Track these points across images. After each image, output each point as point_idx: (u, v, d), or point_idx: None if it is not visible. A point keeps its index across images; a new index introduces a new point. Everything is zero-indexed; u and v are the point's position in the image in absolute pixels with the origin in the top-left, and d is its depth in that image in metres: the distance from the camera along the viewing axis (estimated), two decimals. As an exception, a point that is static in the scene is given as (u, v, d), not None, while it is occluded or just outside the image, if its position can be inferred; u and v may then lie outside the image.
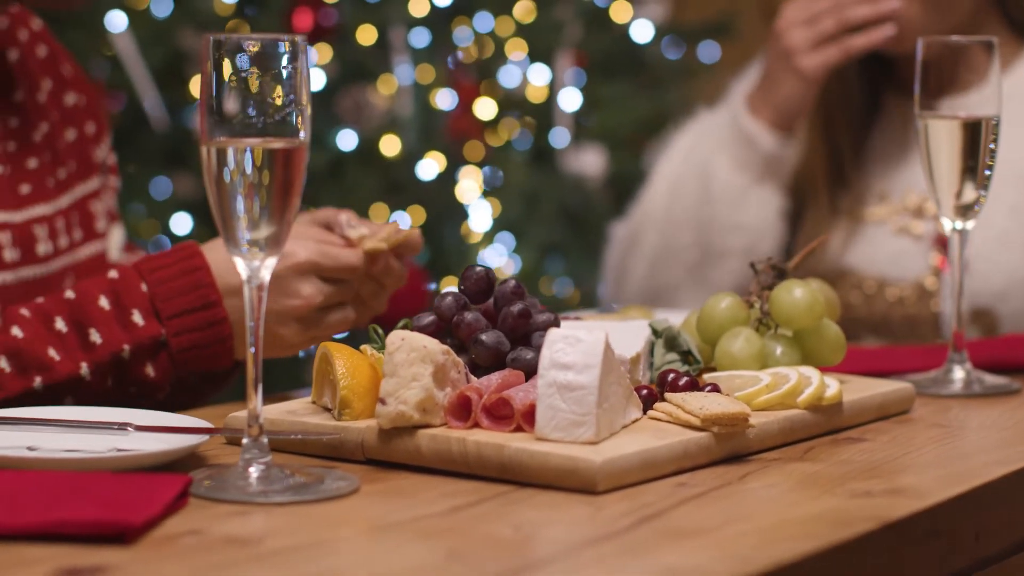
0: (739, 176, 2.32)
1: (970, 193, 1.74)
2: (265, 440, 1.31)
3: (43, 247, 1.81)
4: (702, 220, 2.35)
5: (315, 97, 3.10)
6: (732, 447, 1.42)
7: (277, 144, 1.28)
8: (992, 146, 1.73)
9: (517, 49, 3.24)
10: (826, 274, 2.30)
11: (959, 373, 1.76)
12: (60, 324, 1.61)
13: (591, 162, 3.27)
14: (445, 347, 1.40)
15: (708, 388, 1.49)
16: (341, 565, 1.10)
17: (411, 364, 1.38)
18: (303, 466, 1.35)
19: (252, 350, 1.30)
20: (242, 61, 1.27)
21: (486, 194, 3.20)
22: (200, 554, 1.12)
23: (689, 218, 2.37)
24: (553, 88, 3.29)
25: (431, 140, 3.13)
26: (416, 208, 3.12)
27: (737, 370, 1.56)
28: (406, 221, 1.73)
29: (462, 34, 3.23)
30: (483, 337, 1.48)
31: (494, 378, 1.42)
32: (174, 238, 3.14)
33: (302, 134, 1.29)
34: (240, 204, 1.28)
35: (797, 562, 1.11)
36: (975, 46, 1.75)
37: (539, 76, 3.29)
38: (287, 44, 1.28)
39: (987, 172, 1.74)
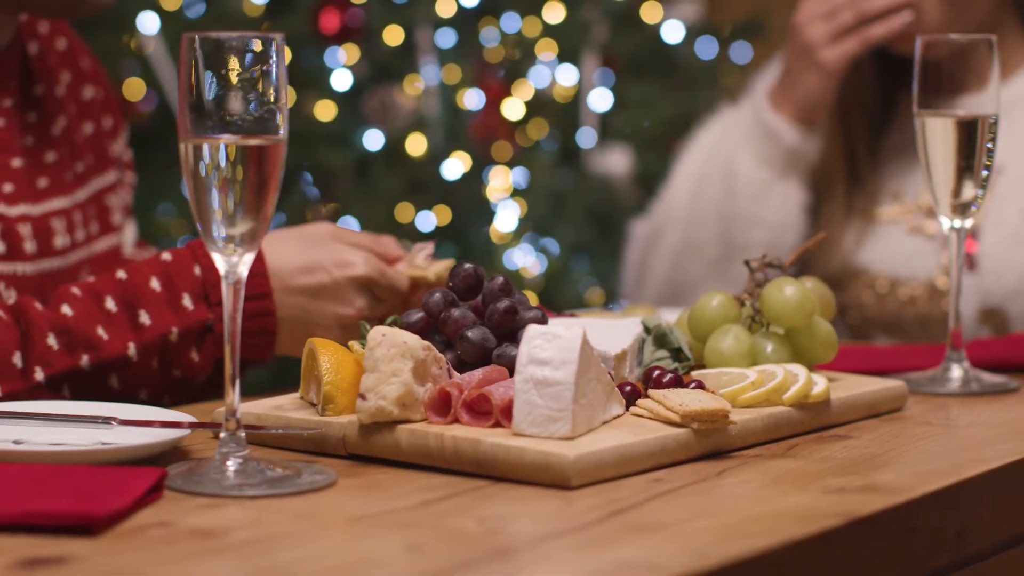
0: (762, 171, 2.32)
1: (967, 192, 1.74)
2: (243, 434, 1.32)
3: (60, 240, 1.83)
4: (725, 215, 2.36)
5: (342, 97, 3.12)
6: (714, 443, 1.42)
7: (254, 141, 1.29)
8: (990, 145, 1.73)
9: (545, 49, 3.24)
10: (838, 273, 2.30)
11: (956, 372, 1.76)
12: (110, 304, 1.63)
13: (617, 162, 3.27)
14: (426, 343, 1.41)
15: (693, 385, 1.49)
16: (297, 557, 1.11)
17: (391, 360, 1.39)
18: (284, 460, 1.37)
19: (229, 347, 1.31)
20: (220, 59, 1.29)
21: (513, 194, 3.21)
22: (163, 546, 1.13)
23: (712, 213, 2.37)
24: (581, 88, 3.30)
25: (457, 140, 3.14)
26: (441, 208, 3.13)
27: (726, 367, 1.56)
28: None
29: (489, 34, 3.23)
30: (469, 333, 1.49)
31: (476, 374, 1.43)
32: (202, 237, 3.15)
33: (279, 131, 1.30)
34: (216, 201, 1.29)
35: (752, 558, 1.12)
36: (979, 45, 1.75)
37: (566, 76, 3.30)
38: (264, 43, 1.30)
39: (984, 171, 1.73)
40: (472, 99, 3.17)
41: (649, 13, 3.46)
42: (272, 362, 1.78)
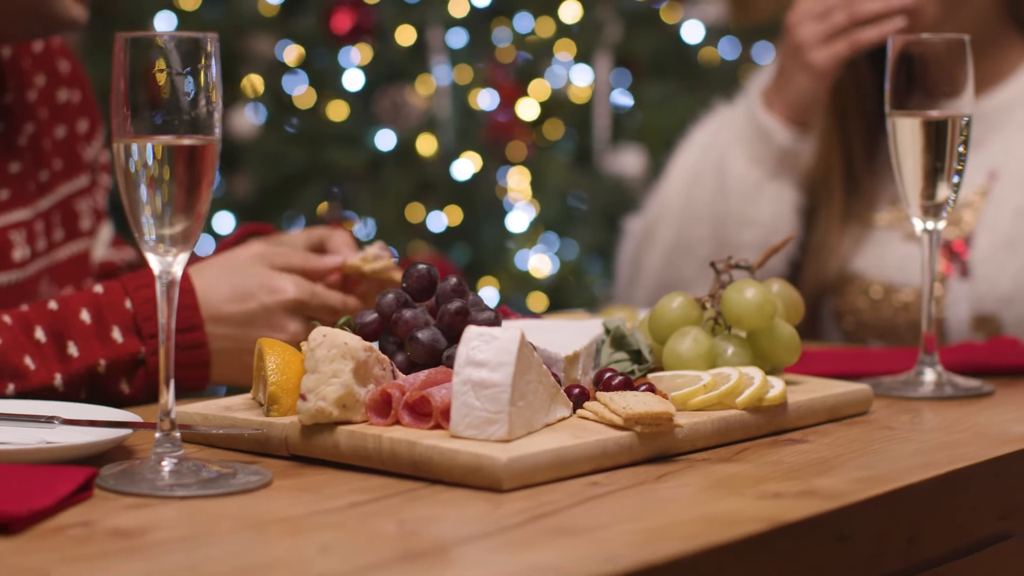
0: (754, 170, 2.30)
1: (939, 194, 1.72)
2: (178, 434, 1.32)
3: (19, 252, 1.84)
4: (717, 214, 2.34)
5: (354, 97, 3.12)
6: (659, 447, 1.41)
7: (187, 141, 1.29)
8: (961, 148, 1.71)
9: (558, 50, 3.24)
10: (835, 278, 2.28)
11: (929, 375, 1.74)
12: (40, 334, 1.63)
13: (631, 163, 3.26)
14: (368, 344, 1.40)
15: (643, 388, 1.48)
16: (205, 557, 1.11)
17: (331, 360, 1.38)
18: (224, 461, 1.36)
19: (163, 347, 1.31)
20: (153, 59, 1.29)
21: (526, 194, 3.20)
22: (77, 545, 1.13)
23: (705, 212, 2.35)
24: (596, 88, 3.29)
25: (468, 140, 3.13)
26: (453, 208, 3.13)
27: (683, 370, 1.55)
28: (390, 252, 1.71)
29: (501, 35, 3.23)
30: (419, 335, 1.48)
31: (421, 375, 1.43)
32: (218, 238, 3.17)
33: (212, 131, 1.30)
34: (149, 200, 1.29)
35: (664, 563, 1.11)
36: (953, 45, 1.72)
37: (581, 77, 3.28)
38: (198, 42, 1.29)
39: (956, 176, 1.71)
40: (485, 99, 3.16)
41: (668, 13, 3.45)
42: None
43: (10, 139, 1.86)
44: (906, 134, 1.71)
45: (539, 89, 3.24)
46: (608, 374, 1.49)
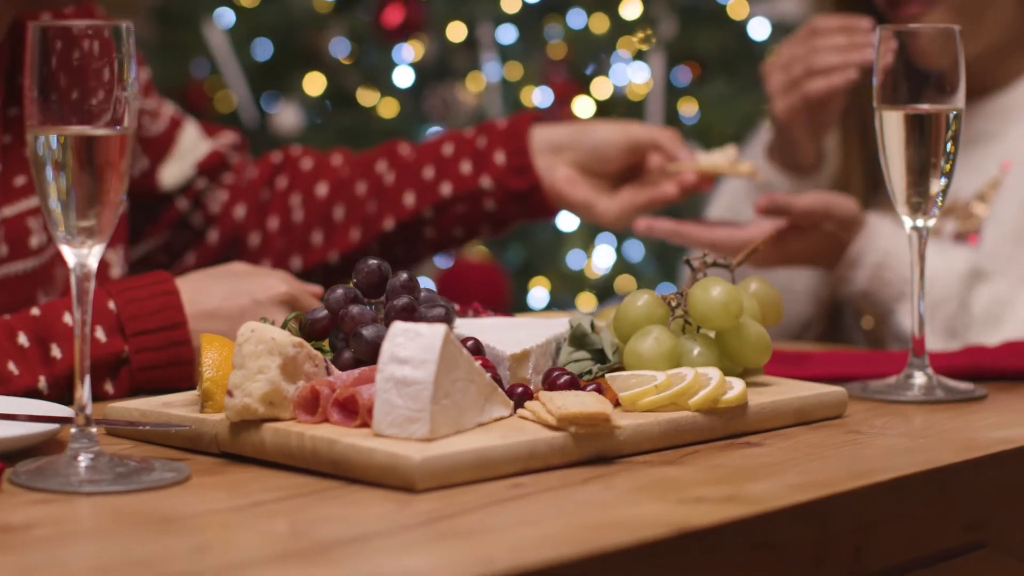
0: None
1: (926, 190, 1.65)
2: (94, 430, 1.30)
3: (36, 239, 1.83)
4: None
5: (403, 94, 3.09)
6: (597, 448, 1.36)
7: (97, 132, 1.27)
8: (950, 144, 1.64)
9: (613, 46, 3.19)
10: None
11: (919, 379, 1.67)
12: (23, 339, 1.62)
13: (686, 161, 3.19)
14: (298, 340, 1.37)
15: (591, 387, 1.44)
16: (78, 554, 1.09)
17: (258, 356, 1.36)
18: (149, 458, 1.35)
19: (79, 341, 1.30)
20: (66, 49, 1.27)
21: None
22: (-47, 540, 1.12)
23: None
24: (651, 86, 3.23)
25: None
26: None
27: (644, 370, 1.50)
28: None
29: (553, 31, 3.19)
30: (363, 331, 1.45)
31: (355, 372, 1.39)
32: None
33: (123, 122, 1.27)
34: (63, 191, 1.27)
35: (543, 568, 1.06)
36: (940, 36, 1.66)
37: (638, 74, 3.23)
38: (110, 32, 1.27)
39: (943, 177, 1.64)
40: (537, 97, 3.12)
41: (735, 10, 3.39)
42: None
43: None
44: (892, 128, 1.65)
45: (594, 87, 3.19)
46: (556, 373, 1.45)
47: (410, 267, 2.09)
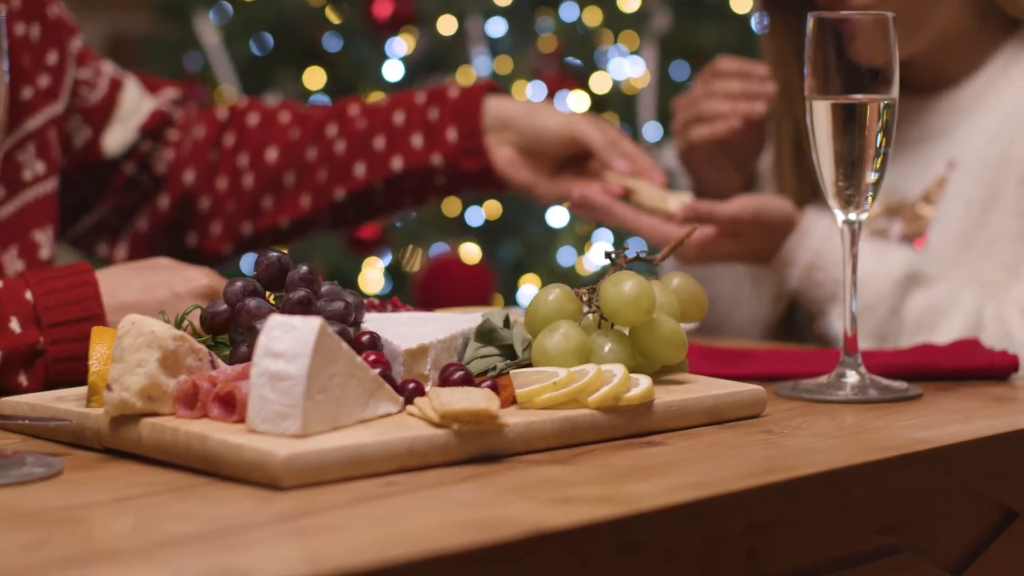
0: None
1: (856, 182, 1.60)
2: (-36, 423, 1.28)
3: None
4: None
5: (393, 88, 3.06)
6: (484, 447, 1.33)
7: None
8: (880, 133, 1.59)
9: (606, 40, 3.14)
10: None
11: (851, 378, 1.62)
12: None
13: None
14: (179, 333, 1.35)
15: (486, 384, 1.40)
16: None
17: (137, 350, 1.33)
18: (25, 452, 1.32)
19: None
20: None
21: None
22: None
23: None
24: (650, 80, 3.19)
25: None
26: (492, 203, 3.06)
27: (551, 367, 1.46)
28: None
29: (545, 24, 3.15)
30: (257, 325, 1.42)
31: (239, 367, 1.36)
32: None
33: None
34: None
35: (373, 569, 1.03)
36: (873, 24, 1.61)
37: (632, 68, 3.19)
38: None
39: (874, 173, 1.59)
40: (529, 91, 3.08)
41: (738, 3, 3.34)
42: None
43: None
44: (821, 118, 1.60)
45: (593, 81, 3.14)
46: (451, 369, 1.42)
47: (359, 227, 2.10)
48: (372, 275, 3.28)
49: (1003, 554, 1.51)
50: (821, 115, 1.61)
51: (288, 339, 1.28)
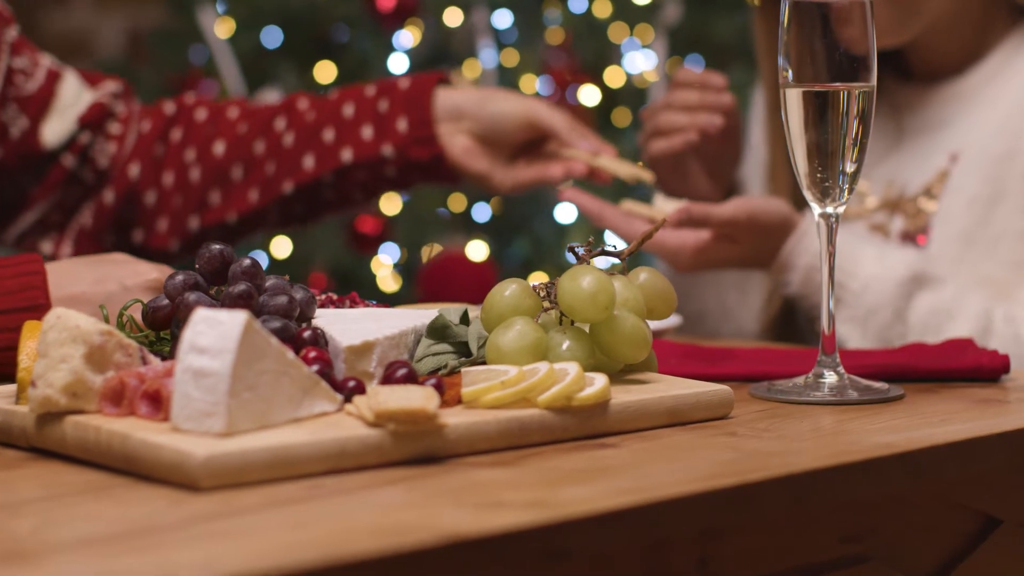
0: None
1: (832, 174, 1.53)
2: None
3: None
4: None
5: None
6: (423, 448, 1.26)
7: None
8: (856, 121, 1.52)
9: (617, 33, 3.08)
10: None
11: (830, 378, 1.55)
12: None
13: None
14: (107, 328, 1.29)
15: (431, 382, 1.34)
16: None
17: (61, 344, 1.27)
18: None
19: None
20: None
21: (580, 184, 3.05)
22: None
23: None
24: (660, 74, 3.12)
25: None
26: (497, 199, 3.00)
27: (504, 365, 1.40)
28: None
29: (553, 16, 3.08)
30: (195, 320, 1.36)
31: (169, 363, 1.31)
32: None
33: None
34: None
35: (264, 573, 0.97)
36: (849, 10, 1.54)
37: (644, 61, 3.12)
38: None
39: (852, 163, 1.53)
40: (537, 84, 3.02)
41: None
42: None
43: None
44: (794, 107, 1.53)
45: (604, 75, 3.08)
46: (395, 366, 1.36)
47: (309, 225, 2.07)
48: (382, 274, 3.23)
49: (985, 563, 1.45)
50: (792, 104, 1.54)
51: (213, 334, 1.22)
